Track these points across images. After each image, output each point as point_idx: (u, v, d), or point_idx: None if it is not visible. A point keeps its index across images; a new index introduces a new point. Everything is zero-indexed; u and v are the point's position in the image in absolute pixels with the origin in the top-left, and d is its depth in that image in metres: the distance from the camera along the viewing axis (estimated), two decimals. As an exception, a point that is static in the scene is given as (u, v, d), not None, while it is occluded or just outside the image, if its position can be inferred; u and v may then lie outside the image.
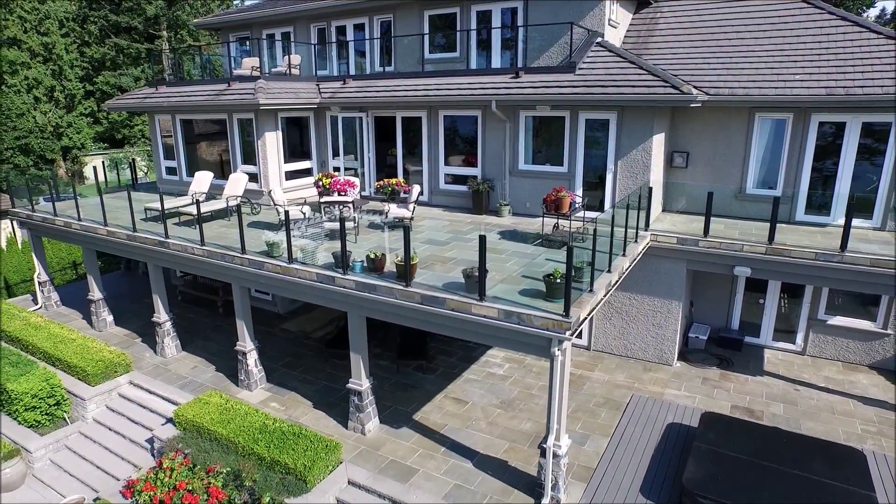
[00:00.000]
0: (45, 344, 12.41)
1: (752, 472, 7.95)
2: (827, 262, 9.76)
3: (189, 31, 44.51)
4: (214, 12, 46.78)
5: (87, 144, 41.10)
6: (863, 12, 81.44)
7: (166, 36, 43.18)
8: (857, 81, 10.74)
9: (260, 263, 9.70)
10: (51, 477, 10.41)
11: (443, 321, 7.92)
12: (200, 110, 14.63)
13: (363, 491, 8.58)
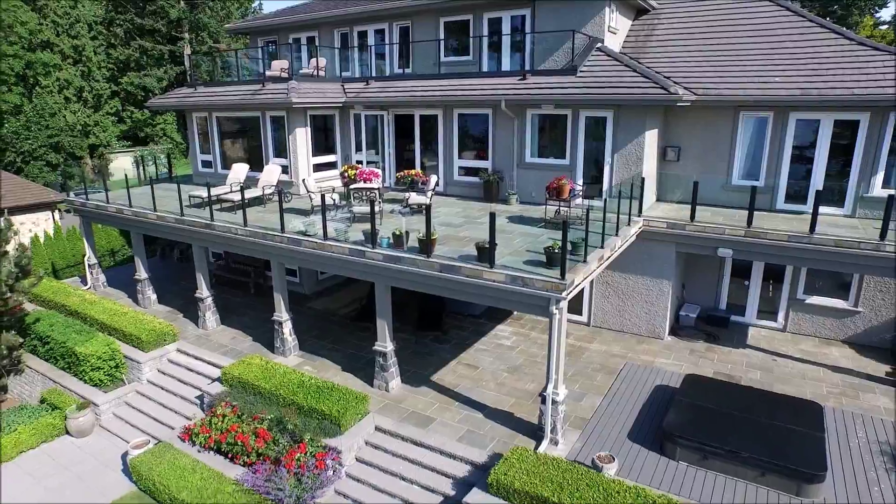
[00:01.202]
0: (102, 316, 13.97)
1: (724, 420, 9.29)
2: (797, 244, 11.07)
3: (209, 33, 46.28)
4: (233, 14, 48.59)
5: (112, 142, 43.00)
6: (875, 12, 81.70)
7: (188, 38, 44.95)
8: (829, 83, 12.04)
9: (298, 241, 11.18)
10: (115, 427, 11.96)
11: (458, 286, 9.34)
12: (237, 108, 16.16)
13: (388, 435, 10.02)
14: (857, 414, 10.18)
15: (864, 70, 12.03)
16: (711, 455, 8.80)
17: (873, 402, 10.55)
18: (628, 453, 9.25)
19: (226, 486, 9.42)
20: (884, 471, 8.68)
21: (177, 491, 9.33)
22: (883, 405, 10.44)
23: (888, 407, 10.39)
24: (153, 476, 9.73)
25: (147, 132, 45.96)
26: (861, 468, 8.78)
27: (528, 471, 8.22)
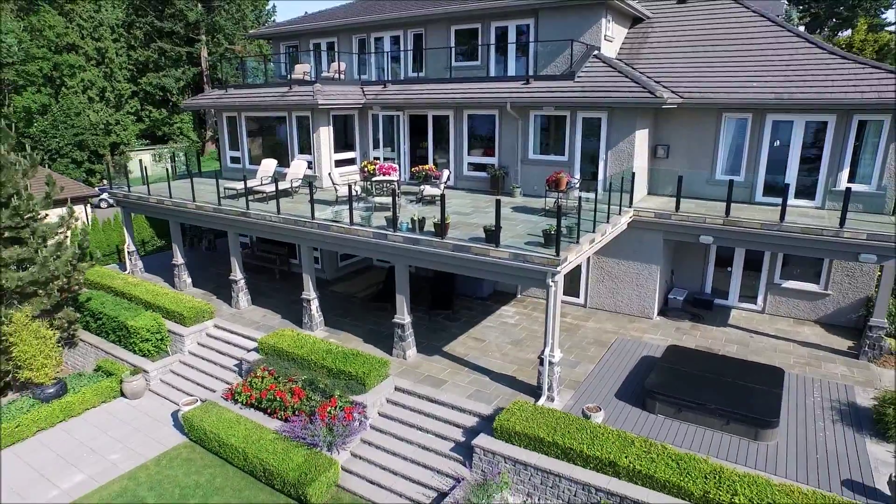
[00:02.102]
0: (146, 296, 15.64)
1: (697, 381, 10.82)
2: (769, 231, 12.58)
3: (225, 35, 48.05)
4: (247, 16, 50.27)
5: (132, 140, 44.81)
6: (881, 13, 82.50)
7: (204, 40, 46.72)
8: (801, 88, 13.53)
9: (327, 226, 12.79)
10: (163, 391, 13.62)
11: (468, 263, 10.91)
12: (265, 109, 17.78)
13: (406, 394, 11.60)
14: (816, 379, 11.67)
15: (832, 77, 13.51)
16: (685, 408, 10.34)
17: (833, 371, 12.03)
18: (615, 408, 10.80)
19: (266, 434, 11.04)
20: (830, 421, 10.18)
21: (226, 437, 10.96)
22: (840, 373, 11.92)
23: (845, 374, 11.87)
24: (204, 427, 11.36)
25: (165, 131, 47.76)
26: (812, 419, 10.28)
27: (527, 418, 9.78)
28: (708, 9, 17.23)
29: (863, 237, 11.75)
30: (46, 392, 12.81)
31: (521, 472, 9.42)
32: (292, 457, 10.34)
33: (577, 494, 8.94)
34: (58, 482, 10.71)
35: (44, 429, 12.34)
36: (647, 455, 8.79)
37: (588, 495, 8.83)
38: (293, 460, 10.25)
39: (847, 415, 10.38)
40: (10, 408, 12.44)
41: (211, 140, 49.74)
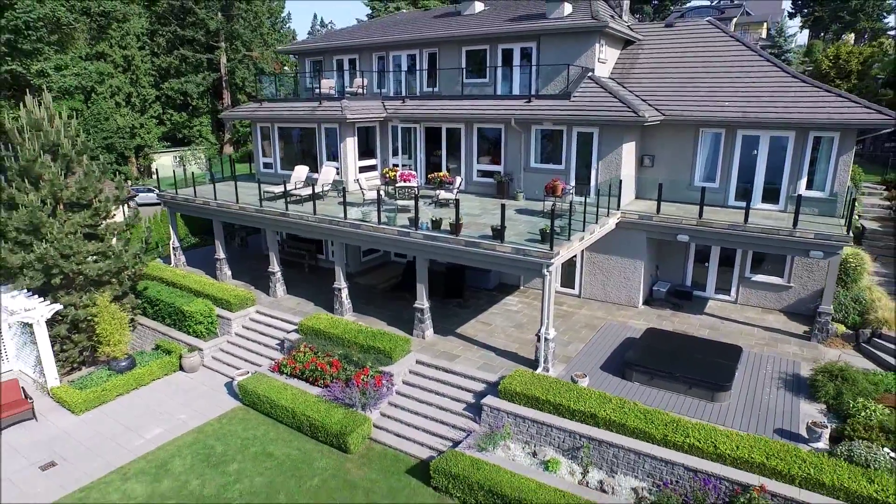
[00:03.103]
0: (195, 286, 18.13)
1: (668, 355, 13.17)
2: (734, 231, 14.91)
3: (243, 42, 50.68)
4: (263, 23, 52.83)
5: (154, 143, 47.51)
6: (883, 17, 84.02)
7: (224, 47, 49.36)
8: (765, 108, 15.85)
9: (358, 225, 15.22)
10: (215, 366, 16.11)
11: (478, 257, 13.31)
12: (297, 121, 20.24)
13: (426, 366, 14.02)
14: (771, 356, 13.99)
15: (794, 99, 15.83)
16: (656, 377, 12.71)
17: (786, 350, 14.36)
18: (598, 377, 13.18)
19: (310, 398, 13.48)
20: (775, 388, 12.51)
21: (276, 400, 13.41)
22: (792, 352, 14.24)
23: (796, 353, 14.18)
24: (257, 392, 13.83)
25: (185, 133, 50.50)
26: (761, 386, 12.62)
27: (526, 382, 12.17)
28: (691, 32, 19.59)
29: (811, 236, 14.07)
30: (120, 365, 15.33)
31: (520, 424, 11.81)
32: (333, 414, 12.78)
33: (564, 441, 11.33)
34: (142, 434, 13.20)
35: (122, 394, 14.84)
36: (620, 409, 11.16)
37: (573, 440, 11.22)
38: (334, 417, 12.69)
39: (790, 383, 12.71)
40: (92, 377, 14.97)
41: (229, 142, 52.42)
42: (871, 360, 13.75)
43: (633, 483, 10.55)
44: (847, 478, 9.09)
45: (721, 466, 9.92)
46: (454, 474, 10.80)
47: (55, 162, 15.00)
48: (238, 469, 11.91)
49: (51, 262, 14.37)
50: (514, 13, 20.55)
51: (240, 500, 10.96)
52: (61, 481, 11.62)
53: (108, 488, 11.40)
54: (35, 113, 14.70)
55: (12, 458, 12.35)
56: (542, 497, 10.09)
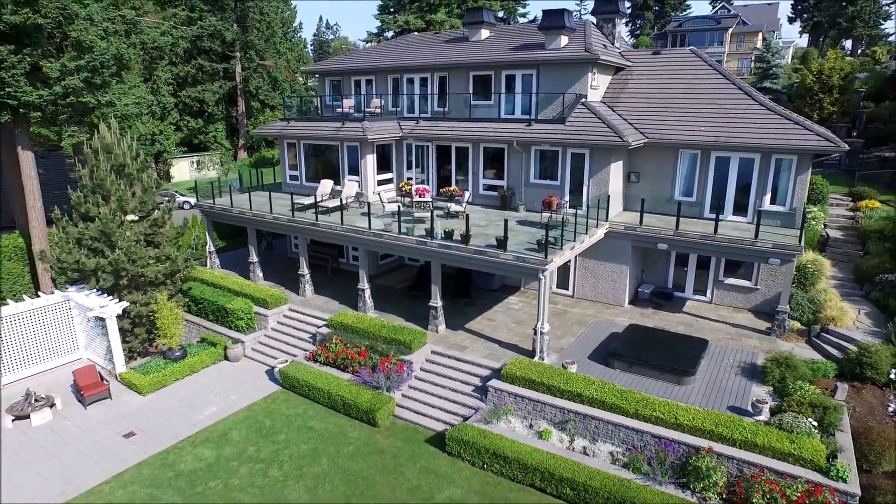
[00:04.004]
0: (234, 286, 20.79)
1: (644, 346, 15.78)
2: (705, 240, 17.51)
3: (256, 51, 53.37)
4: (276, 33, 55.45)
5: (172, 148, 50.23)
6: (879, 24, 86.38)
7: (239, 56, 52.06)
8: (735, 133, 18.42)
9: (381, 234, 17.86)
10: (255, 356, 18.78)
11: (484, 263, 15.92)
12: (322, 139, 22.88)
13: (439, 355, 16.66)
14: (734, 349, 16.58)
15: (759, 125, 18.39)
16: (634, 364, 15.31)
17: (749, 343, 16.94)
18: (586, 364, 15.79)
19: (342, 382, 16.13)
20: (734, 374, 15.11)
21: (314, 383, 16.07)
22: (753, 345, 16.83)
23: (756, 346, 16.77)
24: (296, 377, 16.49)
25: (201, 139, 53.23)
26: (722, 372, 15.22)
27: (525, 368, 14.79)
28: (675, 60, 22.16)
29: (770, 246, 16.66)
30: (175, 354, 18.00)
31: (519, 402, 14.44)
32: (362, 395, 15.43)
33: (555, 415, 13.95)
34: (201, 411, 15.88)
35: (178, 379, 17.52)
36: (601, 390, 13.77)
37: (563, 415, 13.84)
38: (363, 397, 15.34)
39: (746, 370, 15.31)
40: (150, 365, 17.66)
41: (242, 147, 55.14)
42: (819, 351, 16.33)
43: (610, 448, 13.18)
44: (775, 440, 11.71)
45: (680, 433, 12.54)
46: (465, 441, 13.44)
47: (121, 179, 17.67)
48: (286, 438, 14.57)
49: (120, 266, 17.05)
50: (516, 41, 23.12)
51: (290, 463, 13.61)
52: (142, 446, 14.31)
53: (181, 452, 14.08)
54: (106, 138, 17.36)
55: (100, 429, 15.04)
56: (537, 458, 12.72)
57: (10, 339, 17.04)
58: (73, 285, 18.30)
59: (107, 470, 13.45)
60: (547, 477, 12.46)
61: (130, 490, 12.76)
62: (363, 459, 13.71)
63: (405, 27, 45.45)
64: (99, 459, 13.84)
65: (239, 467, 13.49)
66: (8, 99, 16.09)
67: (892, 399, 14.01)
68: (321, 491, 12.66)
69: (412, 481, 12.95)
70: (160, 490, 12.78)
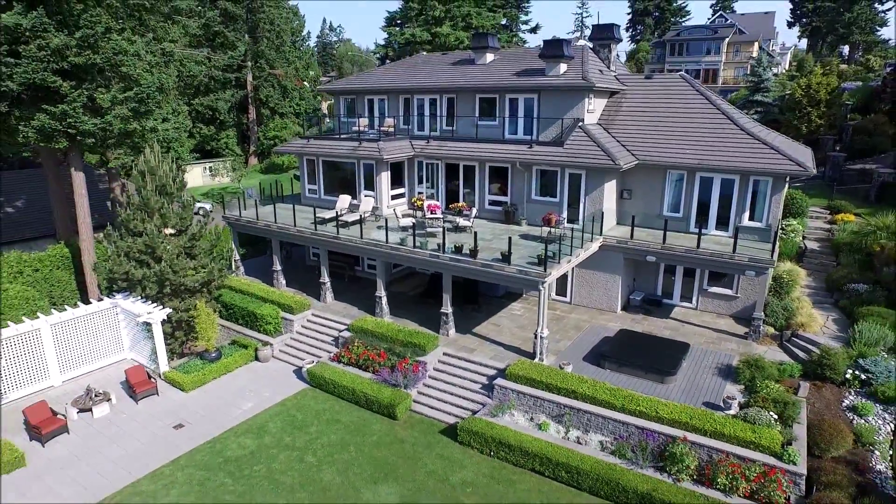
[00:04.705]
0: (260, 293, 22.99)
1: (632, 349, 17.95)
2: (689, 254, 19.67)
3: (266, 61, 55.52)
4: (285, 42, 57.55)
5: (186, 156, 52.33)
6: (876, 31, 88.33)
7: (250, 66, 54.22)
8: (717, 156, 20.56)
9: (397, 248, 20.03)
10: (284, 357, 20.99)
11: (491, 275, 18.10)
12: (340, 157, 25.06)
13: (450, 357, 18.85)
14: (714, 351, 18.74)
15: (739, 149, 20.51)
16: (623, 365, 17.49)
17: (727, 347, 19.10)
18: (580, 365, 17.97)
19: (364, 380, 18.32)
20: (711, 374, 17.27)
21: (339, 381, 18.26)
22: (731, 348, 18.99)
23: (733, 349, 18.93)
24: (323, 375, 18.68)
25: (212, 146, 55.41)
26: (701, 373, 17.38)
27: (526, 368, 16.97)
28: (665, 85, 24.29)
29: (746, 260, 18.82)
30: (211, 355, 20.20)
31: (521, 398, 16.62)
32: (383, 392, 17.61)
33: (553, 409, 16.13)
34: (239, 406, 18.08)
35: (216, 378, 19.71)
36: (593, 387, 15.95)
37: (559, 409, 16.01)
38: (384, 393, 17.53)
39: (722, 370, 17.47)
40: (189, 365, 19.85)
41: (253, 154, 57.33)
42: (789, 354, 18.49)
43: (600, 438, 15.37)
44: (739, 430, 13.88)
45: (659, 425, 14.71)
46: (474, 432, 15.63)
47: (163, 198, 19.85)
48: (316, 430, 16.77)
49: (164, 277, 19.25)
50: (519, 65, 25.25)
51: (322, 451, 15.81)
52: (191, 437, 16.51)
53: (226, 441, 16.29)
54: (151, 161, 19.55)
55: (152, 421, 17.26)
56: (536, 447, 14.90)
57: (68, 341, 19.24)
58: (119, 293, 20.49)
59: (164, 456, 15.66)
60: (545, 462, 14.64)
61: (188, 472, 14.97)
62: (386, 448, 15.91)
63: (411, 39, 47.59)
64: (156, 447, 16.05)
65: (278, 454, 15.70)
66: (69, 128, 18.25)
67: (846, 396, 16.18)
68: (351, 474, 14.86)
69: (429, 466, 15.14)
70: (212, 472, 14.98)
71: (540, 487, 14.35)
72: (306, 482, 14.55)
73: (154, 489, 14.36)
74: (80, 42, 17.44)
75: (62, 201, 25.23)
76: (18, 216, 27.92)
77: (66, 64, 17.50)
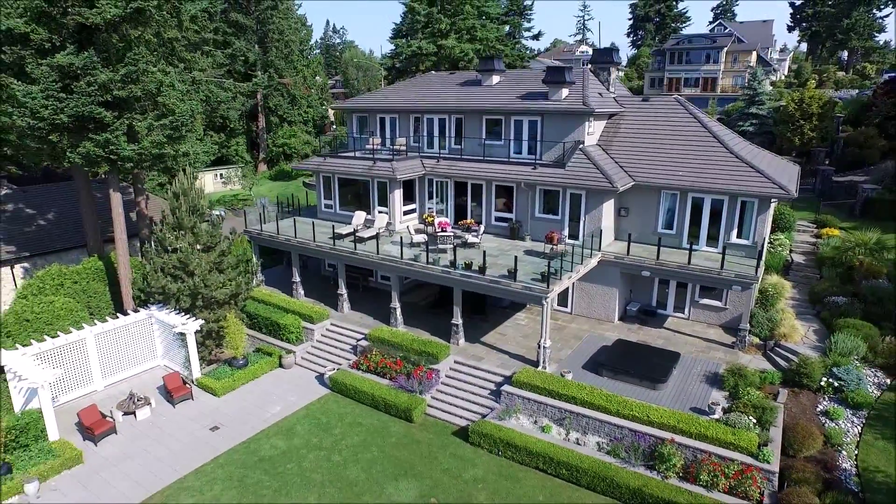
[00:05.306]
0: (282, 303, 24.85)
1: (628, 358, 19.79)
2: (680, 269, 21.51)
3: (275, 69, 57.35)
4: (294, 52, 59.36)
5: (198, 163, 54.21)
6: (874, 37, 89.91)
7: (260, 75, 56.04)
8: (707, 179, 22.38)
9: (411, 264, 21.87)
10: (305, 364, 22.86)
11: (498, 290, 19.94)
12: (355, 175, 26.90)
13: (461, 364, 20.71)
14: (702, 360, 20.57)
15: (728, 172, 22.33)
16: (618, 373, 19.33)
17: (715, 355, 20.93)
18: (580, 373, 19.82)
19: (382, 386, 20.18)
20: (699, 381, 19.12)
21: (359, 387, 20.12)
22: (718, 357, 20.82)
23: (721, 357, 20.76)
24: (344, 382, 20.54)
25: (223, 153, 57.23)
26: (690, 381, 19.22)
27: (531, 375, 18.82)
28: (661, 107, 26.12)
29: (732, 276, 20.65)
30: (239, 363, 22.07)
31: (526, 403, 18.48)
32: (400, 397, 19.47)
33: (555, 414, 17.98)
34: (268, 409, 19.95)
35: (244, 384, 21.57)
36: (591, 393, 17.79)
37: (560, 413, 17.87)
38: (401, 398, 19.39)
39: (710, 378, 19.31)
40: (219, 371, 21.72)
41: (263, 161, 59.17)
42: (771, 362, 20.32)
43: (597, 439, 17.22)
44: (721, 433, 15.72)
45: (650, 428, 16.56)
46: (484, 434, 17.48)
47: (195, 217, 21.70)
48: (341, 432, 18.64)
49: (197, 290, 21.11)
50: (523, 88, 27.04)
51: (347, 451, 17.67)
52: (227, 437, 18.38)
53: (259, 442, 18.16)
54: (184, 184, 21.41)
55: (190, 423, 19.13)
56: (540, 447, 16.75)
57: (109, 349, 21.11)
58: (154, 305, 22.34)
59: (204, 455, 17.54)
60: (548, 461, 16.49)
61: (227, 470, 16.85)
62: (404, 448, 17.77)
63: (418, 51, 49.38)
64: (196, 447, 17.93)
65: (307, 454, 17.57)
66: (110, 154, 20.08)
67: (821, 401, 18.02)
68: (374, 471, 16.73)
69: (444, 464, 17.01)
70: (249, 470, 16.85)
71: (543, 484, 16.20)
72: (334, 479, 16.42)
73: (199, 484, 16.24)
74: (123, 77, 19.27)
75: (93, 214, 27.10)
76: (50, 228, 29.76)
77: (109, 96, 19.33)
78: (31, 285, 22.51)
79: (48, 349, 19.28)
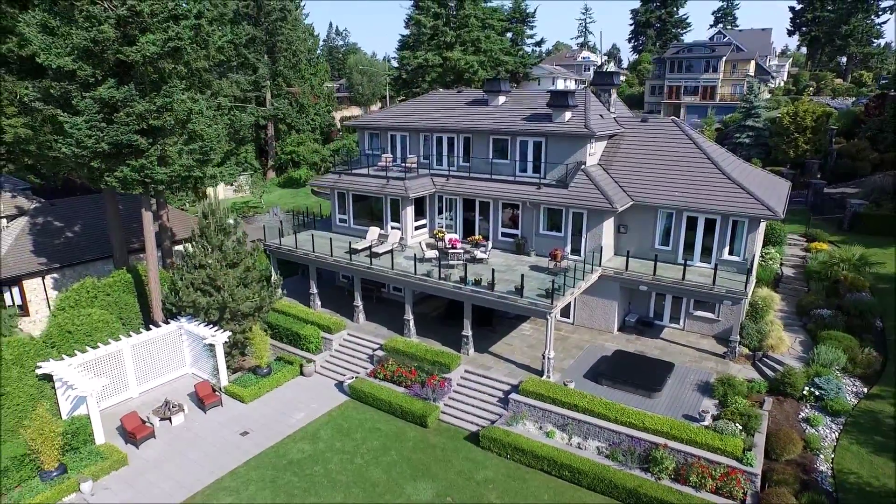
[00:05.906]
0: (301, 314, 26.58)
1: (626, 368, 21.52)
2: (675, 284, 23.23)
3: (283, 78, 59.04)
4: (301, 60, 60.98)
5: (208, 170, 55.98)
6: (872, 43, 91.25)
7: (269, 85, 57.76)
8: (700, 199, 24.08)
9: (424, 279, 23.60)
10: (325, 372, 24.60)
11: (505, 305, 21.67)
12: (369, 192, 28.62)
13: (471, 373, 22.44)
14: (696, 369, 22.29)
15: (720, 193, 24.03)
16: (617, 382, 21.06)
17: (708, 365, 22.66)
18: (581, 382, 21.55)
19: (398, 394, 21.92)
20: (691, 390, 20.84)
21: (377, 395, 21.86)
22: (710, 366, 22.54)
23: (713, 367, 22.48)
24: (363, 389, 22.28)
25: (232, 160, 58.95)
26: (683, 389, 20.94)
27: (536, 384, 20.55)
28: (658, 129, 27.83)
29: (723, 291, 22.36)
30: (263, 371, 23.81)
31: (533, 410, 20.21)
32: (415, 404, 21.21)
33: (558, 420, 19.72)
34: (292, 415, 21.69)
35: (269, 391, 23.32)
36: (591, 401, 19.52)
37: (564, 420, 19.60)
38: (416, 405, 21.12)
39: (701, 387, 21.03)
40: (244, 379, 23.46)
41: (271, 168, 60.88)
42: (759, 372, 22.05)
43: (597, 444, 18.97)
44: (709, 438, 17.46)
45: (645, 434, 18.30)
46: (493, 438, 19.23)
47: (222, 235, 23.43)
48: (361, 437, 20.38)
49: (225, 304, 22.84)
50: (528, 109, 28.72)
51: (368, 454, 19.41)
52: (257, 442, 20.13)
53: (287, 446, 19.90)
54: (213, 203, 23.13)
55: (221, 428, 20.88)
56: (545, 451, 18.49)
57: (143, 359, 22.86)
58: (183, 317, 24.07)
59: (237, 458, 19.29)
60: (552, 464, 18.24)
61: (259, 472, 18.60)
62: (420, 451, 19.52)
63: (424, 63, 51.04)
64: (228, 450, 19.67)
65: (332, 457, 19.31)
66: (144, 178, 21.78)
67: (803, 409, 19.75)
68: (394, 473, 18.48)
69: (457, 466, 18.76)
70: (280, 472, 18.60)
71: (548, 484, 17.95)
72: (358, 480, 18.17)
73: (235, 485, 17.99)
74: (159, 107, 20.98)
75: (119, 227, 28.86)
76: (77, 239, 31.51)
77: (145, 125, 21.03)
78: (67, 297, 24.22)
79: (91, 359, 21.04)
